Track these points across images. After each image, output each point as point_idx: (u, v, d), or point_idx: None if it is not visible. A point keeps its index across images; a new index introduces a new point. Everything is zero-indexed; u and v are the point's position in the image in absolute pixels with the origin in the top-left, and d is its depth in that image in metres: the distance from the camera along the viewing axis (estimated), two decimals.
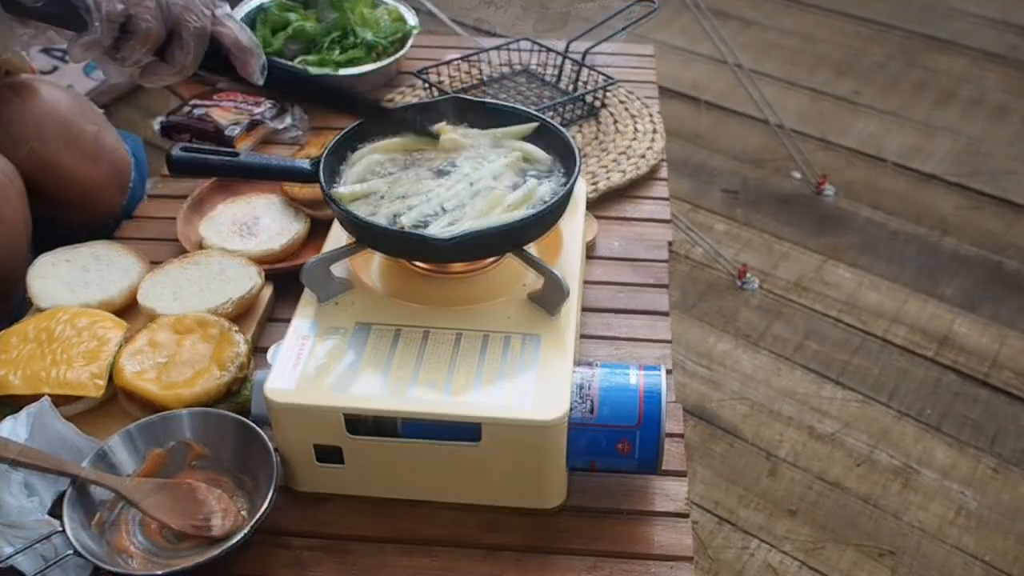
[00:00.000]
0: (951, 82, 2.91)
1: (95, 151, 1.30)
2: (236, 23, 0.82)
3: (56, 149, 1.25)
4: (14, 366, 0.93)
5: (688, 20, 2.81)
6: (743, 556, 1.57)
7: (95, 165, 1.29)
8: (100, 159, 1.30)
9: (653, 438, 0.82)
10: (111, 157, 1.32)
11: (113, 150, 1.33)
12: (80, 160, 1.27)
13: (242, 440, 0.86)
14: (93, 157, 1.29)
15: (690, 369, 1.92)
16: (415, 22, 1.55)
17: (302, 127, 1.39)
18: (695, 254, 2.20)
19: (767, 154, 2.56)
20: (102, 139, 1.32)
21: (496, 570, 0.82)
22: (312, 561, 0.82)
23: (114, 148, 1.33)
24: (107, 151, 1.32)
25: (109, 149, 1.32)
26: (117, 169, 1.33)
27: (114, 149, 1.33)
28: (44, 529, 0.79)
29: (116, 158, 1.33)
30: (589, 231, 1.16)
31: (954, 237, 2.28)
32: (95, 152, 1.30)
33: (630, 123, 1.38)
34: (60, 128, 1.26)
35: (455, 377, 0.82)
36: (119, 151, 1.34)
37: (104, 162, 1.31)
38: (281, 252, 1.13)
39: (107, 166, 1.31)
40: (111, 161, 1.32)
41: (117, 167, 1.33)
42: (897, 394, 1.86)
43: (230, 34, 0.81)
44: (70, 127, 1.28)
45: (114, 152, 1.33)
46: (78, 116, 1.30)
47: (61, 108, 1.29)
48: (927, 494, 1.67)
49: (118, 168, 1.33)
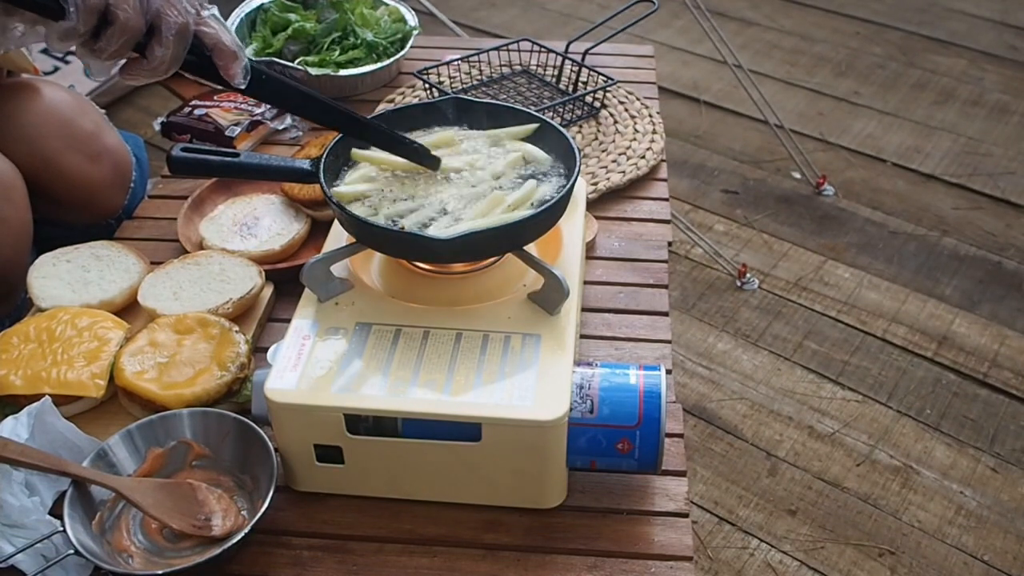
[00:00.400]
0: (950, 82, 2.91)
1: (97, 150, 1.30)
2: (221, 24, 0.80)
3: (58, 149, 1.25)
4: (15, 366, 0.93)
5: (688, 20, 2.81)
6: (743, 555, 1.58)
7: (96, 164, 1.29)
8: (102, 158, 1.30)
9: (653, 438, 0.82)
10: (112, 157, 1.32)
11: (115, 150, 1.33)
12: (82, 159, 1.28)
13: (242, 440, 0.86)
14: (94, 156, 1.29)
15: (690, 369, 1.92)
16: (415, 22, 1.56)
17: (302, 127, 1.39)
18: (695, 254, 2.20)
19: (767, 154, 2.56)
20: (103, 139, 1.32)
21: (496, 569, 0.82)
22: (312, 561, 0.83)
23: (116, 148, 1.33)
24: (108, 151, 1.32)
25: (110, 149, 1.32)
26: (118, 169, 1.33)
27: (116, 149, 1.33)
28: (45, 528, 0.80)
29: (117, 158, 1.33)
30: (589, 231, 1.16)
31: (953, 237, 2.28)
32: (97, 151, 1.30)
33: (630, 123, 1.38)
34: (62, 128, 1.27)
35: (455, 377, 0.82)
36: (120, 151, 1.34)
37: (106, 161, 1.31)
38: (281, 252, 1.13)
39: (109, 166, 1.31)
40: (113, 161, 1.32)
41: (118, 167, 1.33)
42: (897, 394, 1.87)
43: (213, 34, 0.79)
44: (72, 127, 1.28)
45: (116, 152, 1.33)
46: (80, 116, 1.31)
47: (63, 108, 1.29)
48: (926, 493, 1.68)
49: (119, 168, 1.33)
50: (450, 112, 1.00)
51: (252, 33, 1.55)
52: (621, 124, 1.38)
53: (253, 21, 1.57)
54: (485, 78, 1.48)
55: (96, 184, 1.29)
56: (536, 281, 0.90)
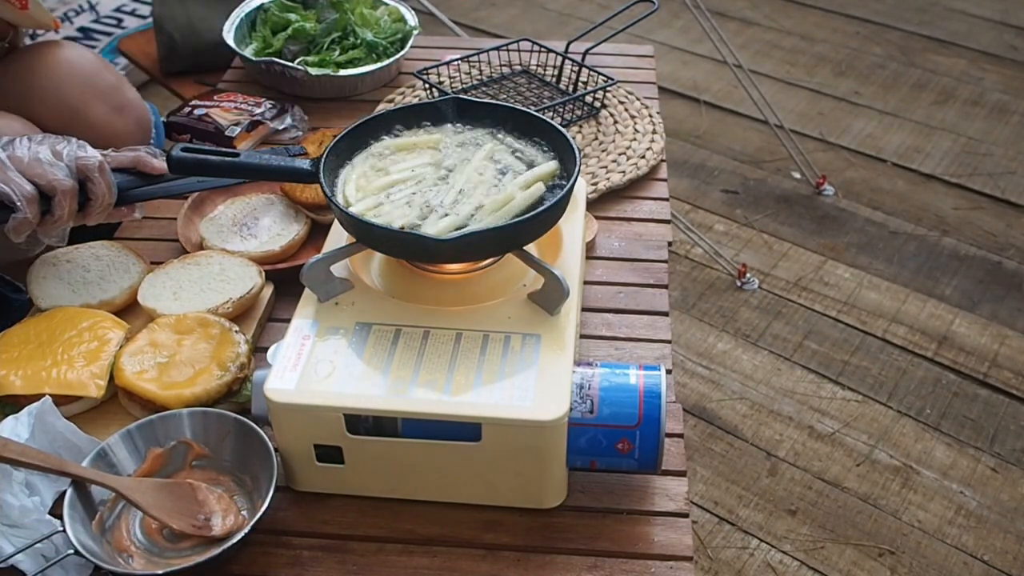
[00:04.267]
0: (950, 82, 2.91)
1: (121, 102, 1.33)
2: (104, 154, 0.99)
3: (84, 100, 1.29)
4: (15, 366, 0.93)
5: (688, 20, 2.82)
6: (743, 555, 1.58)
7: (121, 116, 1.33)
8: (125, 110, 1.34)
9: (653, 437, 0.82)
10: (135, 110, 1.36)
11: (137, 103, 1.37)
12: (107, 110, 1.31)
13: (242, 440, 0.86)
14: (119, 108, 1.33)
15: (690, 369, 1.92)
16: (415, 22, 1.56)
17: (302, 127, 1.39)
18: (695, 254, 2.20)
19: (767, 154, 2.56)
20: (126, 91, 1.36)
21: (496, 569, 0.82)
22: (312, 561, 0.82)
23: (137, 102, 1.37)
24: (132, 103, 1.35)
25: (133, 102, 1.36)
26: (141, 122, 1.36)
27: (137, 103, 1.37)
28: (45, 528, 0.80)
29: (140, 111, 1.37)
30: (589, 231, 1.16)
31: (953, 237, 2.28)
32: (121, 103, 1.33)
33: (630, 123, 1.38)
34: (86, 80, 1.31)
35: (455, 377, 0.82)
36: (141, 105, 1.38)
37: (129, 113, 1.34)
38: (281, 252, 1.13)
39: (132, 117, 1.35)
40: (136, 114, 1.35)
41: (141, 120, 1.36)
42: (896, 394, 1.87)
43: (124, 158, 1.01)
44: (96, 79, 1.32)
45: (138, 105, 1.37)
46: (102, 70, 1.34)
47: (85, 64, 1.33)
48: (926, 493, 1.68)
49: (141, 121, 1.37)
50: (450, 112, 1.00)
51: (252, 33, 1.55)
52: (621, 124, 1.38)
53: (253, 21, 1.57)
54: (485, 78, 1.48)
55: (121, 135, 1.32)
56: (536, 281, 0.90)
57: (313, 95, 1.47)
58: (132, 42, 2.09)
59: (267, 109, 1.38)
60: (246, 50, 1.51)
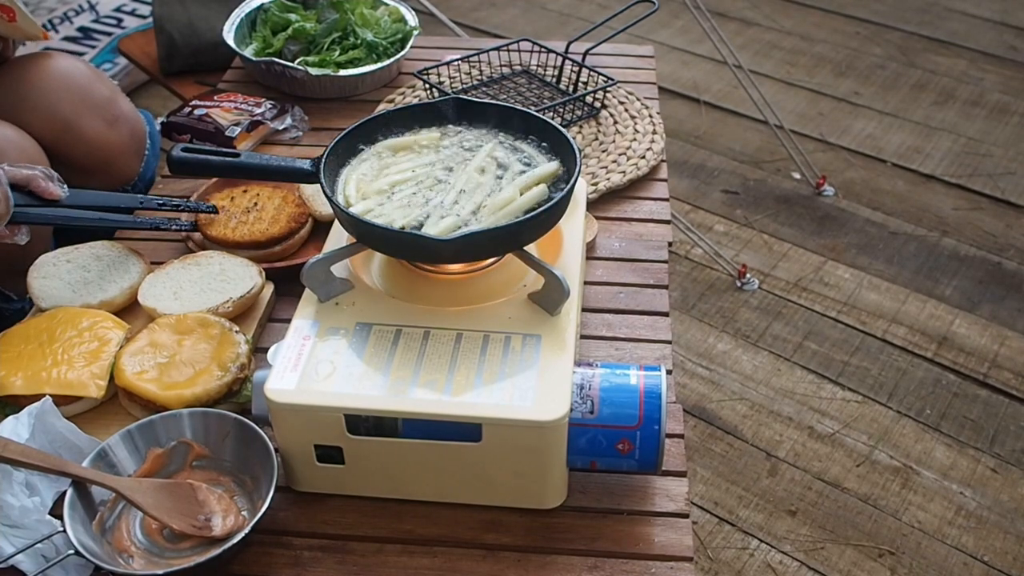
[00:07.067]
0: (950, 82, 2.91)
1: (114, 115, 1.33)
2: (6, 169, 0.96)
3: (76, 113, 1.28)
4: (15, 366, 0.93)
5: (688, 20, 2.82)
6: (743, 556, 1.58)
7: (114, 129, 1.32)
8: (119, 123, 1.33)
9: (653, 438, 0.82)
10: (129, 122, 1.35)
11: (130, 115, 1.36)
12: (100, 123, 1.30)
13: (242, 440, 0.86)
14: (112, 121, 1.32)
15: (690, 369, 1.92)
16: (415, 22, 1.56)
17: (302, 127, 1.39)
18: (695, 254, 2.20)
19: (767, 154, 2.56)
20: (120, 104, 1.35)
21: (496, 570, 0.82)
22: (312, 561, 0.83)
23: (131, 114, 1.36)
24: (125, 115, 1.35)
25: (127, 114, 1.35)
26: (134, 134, 1.36)
27: (131, 115, 1.36)
28: (45, 529, 0.80)
29: (133, 123, 1.36)
30: (589, 231, 1.16)
31: (953, 237, 2.28)
32: (114, 116, 1.32)
33: (630, 123, 1.38)
34: (79, 93, 1.29)
35: (455, 377, 0.82)
36: (135, 117, 1.37)
37: (122, 126, 1.34)
38: (281, 252, 1.13)
39: (126, 130, 1.34)
40: (129, 126, 1.35)
41: (134, 132, 1.36)
42: (896, 394, 1.87)
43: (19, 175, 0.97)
44: (88, 92, 1.31)
45: (131, 117, 1.36)
46: (95, 82, 1.33)
47: (78, 75, 1.32)
48: (926, 494, 1.68)
49: (135, 133, 1.36)
50: (450, 112, 1.00)
51: (252, 33, 1.55)
52: (621, 124, 1.38)
53: (253, 21, 1.57)
54: (485, 78, 1.48)
55: (114, 148, 1.31)
56: (536, 281, 0.90)
57: (313, 95, 1.47)
58: (132, 42, 2.09)
59: (267, 109, 1.38)
60: (246, 50, 1.51)
